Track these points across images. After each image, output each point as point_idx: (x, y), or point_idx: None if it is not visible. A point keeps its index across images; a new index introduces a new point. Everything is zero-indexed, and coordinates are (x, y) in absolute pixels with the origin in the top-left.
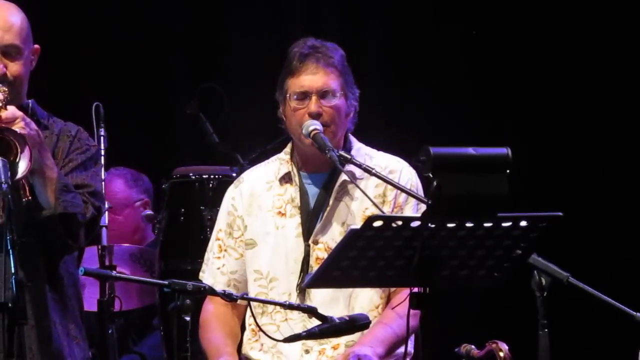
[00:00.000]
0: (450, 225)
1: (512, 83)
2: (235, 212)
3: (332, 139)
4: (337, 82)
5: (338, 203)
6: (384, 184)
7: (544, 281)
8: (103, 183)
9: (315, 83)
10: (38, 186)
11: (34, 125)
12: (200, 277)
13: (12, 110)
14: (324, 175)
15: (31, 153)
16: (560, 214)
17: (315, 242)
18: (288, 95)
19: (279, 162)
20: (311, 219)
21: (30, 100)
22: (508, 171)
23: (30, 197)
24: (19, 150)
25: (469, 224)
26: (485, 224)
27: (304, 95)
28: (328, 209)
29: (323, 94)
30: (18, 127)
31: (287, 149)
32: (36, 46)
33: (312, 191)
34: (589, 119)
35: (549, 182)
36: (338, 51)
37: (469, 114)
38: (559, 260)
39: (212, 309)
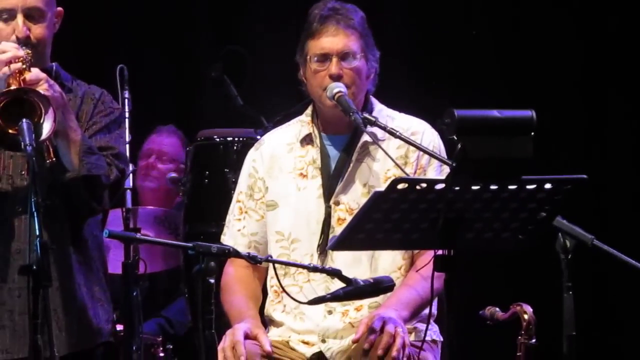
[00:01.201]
0: (474, 187)
1: (539, 46)
2: (256, 174)
3: (353, 100)
4: (358, 44)
5: (359, 164)
6: (406, 146)
7: (568, 244)
8: (127, 145)
9: (336, 45)
10: (62, 148)
11: (57, 87)
12: (221, 240)
13: (35, 72)
14: (345, 136)
15: (55, 114)
16: (585, 176)
17: (337, 203)
18: (308, 57)
19: (300, 124)
20: (332, 181)
21: (54, 64)
22: (533, 133)
23: (54, 159)
24: (43, 111)
25: (493, 187)
26: (510, 187)
27: (325, 57)
28: (349, 170)
29: (343, 56)
30: (42, 89)
31: (308, 110)
32: (59, 9)
33: (333, 153)
34: (615, 82)
35: (574, 144)
36: (358, 13)
37: (494, 78)
38: (584, 222)
39: (233, 271)
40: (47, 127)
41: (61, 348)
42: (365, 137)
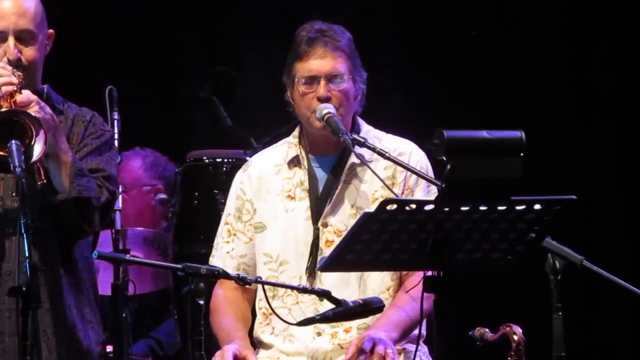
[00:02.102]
0: (464, 208)
1: (528, 66)
2: (244, 195)
3: (342, 122)
4: (345, 66)
5: (347, 186)
6: (393, 166)
7: (557, 264)
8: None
9: (324, 67)
10: (53, 170)
11: (48, 110)
12: (210, 262)
13: (27, 94)
14: (332, 158)
15: (46, 136)
16: (574, 197)
17: (325, 225)
18: (296, 79)
19: (287, 146)
20: (320, 202)
21: (45, 86)
22: (522, 154)
23: (45, 181)
24: (33, 133)
25: (482, 208)
26: (499, 208)
27: (312, 80)
28: (337, 191)
29: (331, 78)
30: (33, 111)
31: (295, 132)
32: (50, 31)
33: (321, 174)
34: (603, 102)
35: (563, 165)
36: (345, 34)
37: (483, 98)
38: (573, 243)
39: (222, 293)
40: (37, 149)
41: None
42: (353, 159)
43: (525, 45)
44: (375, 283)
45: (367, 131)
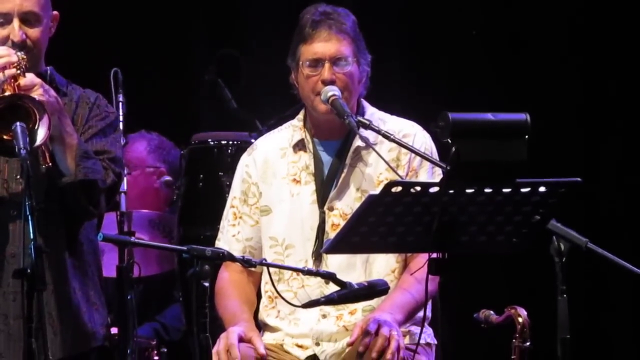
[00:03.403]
0: (469, 191)
1: (533, 49)
2: (250, 179)
3: (347, 105)
4: (350, 49)
5: (352, 169)
6: (398, 149)
7: (562, 247)
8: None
9: (328, 50)
10: (58, 153)
11: (52, 92)
12: (216, 245)
13: (30, 77)
14: (337, 142)
15: (50, 120)
16: (579, 179)
17: (331, 209)
18: (301, 62)
19: (292, 129)
20: (326, 186)
21: (49, 67)
22: (527, 137)
23: (50, 164)
24: (37, 117)
25: (487, 190)
26: (504, 190)
27: (317, 62)
28: (343, 175)
29: (336, 61)
30: (37, 94)
31: (300, 115)
32: (55, 13)
33: (326, 158)
34: (610, 86)
35: (569, 148)
36: (350, 17)
37: (489, 81)
38: (578, 226)
39: (228, 276)
40: (41, 133)
41: (56, 352)
42: (358, 142)
43: (532, 27)
44: (381, 266)
45: (372, 113)
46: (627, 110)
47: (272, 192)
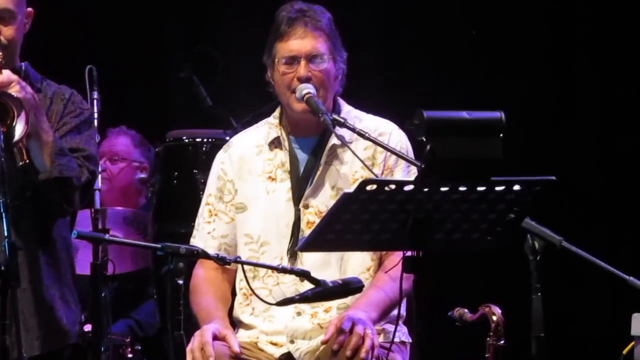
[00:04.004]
0: (443, 189)
1: (511, 46)
2: (225, 176)
3: (323, 102)
4: (326, 46)
5: (328, 167)
6: (373, 147)
7: (537, 245)
8: (97, 146)
9: (304, 47)
10: (34, 149)
11: (29, 89)
12: (191, 242)
13: (7, 74)
14: (313, 139)
15: (27, 117)
16: (554, 178)
17: (306, 207)
18: (276, 59)
19: (268, 127)
20: (301, 184)
21: (24, 63)
22: (502, 135)
23: (27, 161)
24: (15, 114)
25: (462, 188)
26: (479, 188)
27: (293, 60)
28: (318, 173)
29: (312, 58)
30: (14, 91)
31: (276, 113)
32: (29, 9)
33: (302, 156)
34: (585, 83)
35: (544, 146)
36: (325, 14)
37: (464, 79)
38: (552, 224)
39: (203, 273)
40: (19, 130)
41: (28, 349)
42: (334, 140)
43: (508, 25)
44: (356, 263)
45: (348, 111)
46: (604, 108)
47: (248, 189)
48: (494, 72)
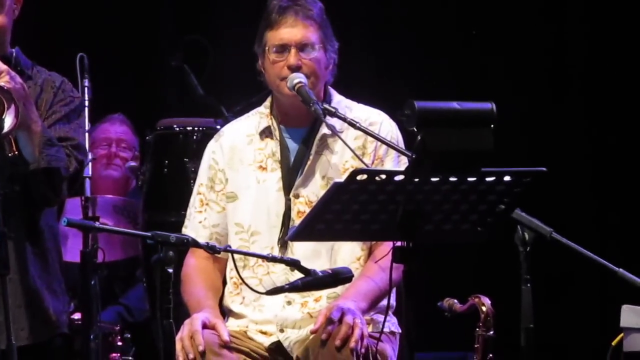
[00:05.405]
0: (434, 179)
1: (500, 37)
2: (217, 165)
3: (313, 91)
4: (316, 35)
5: (318, 157)
6: (364, 137)
7: (527, 236)
8: (86, 134)
9: (295, 36)
10: (22, 139)
11: (18, 79)
12: (182, 232)
13: None
14: (304, 129)
15: (17, 108)
16: (544, 169)
17: (296, 196)
18: (267, 48)
19: (259, 116)
20: (292, 173)
21: (14, 49)
22: (492, 126)
23: (16, 152)
24: (5, 105)
25: (452, 179)
26: (469, 179)
27: (283, 48)
28: (309, 163)
29: (302, 47)
30: (3, 82)
31: (267, 102)
32: None
33: (292, 146)
34: (575, 75)
35: (535, 137)
36: (317, 4)
37: (455, 69)
38: (543, 215)
39: (194, 262)
40: (9, 122)
41: (15, 340)
42: (324, 130)
43: (499, 16)
44: (346, 254)
45: (339, 101)
46: (593, 100)
47: (239, 178)
48: (485, 63)
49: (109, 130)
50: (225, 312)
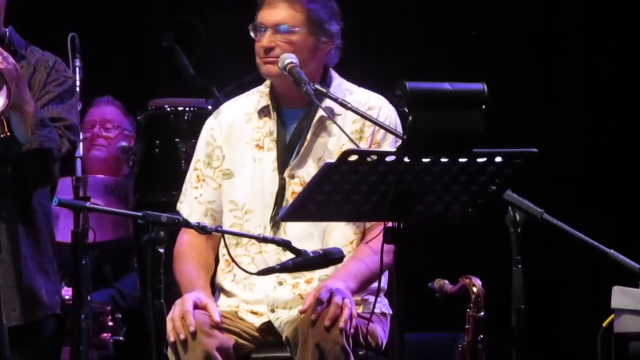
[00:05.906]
0: (425, 160)
1: (493, 17)
2: (214, 142)
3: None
4: (300, 17)
5: (315, 138)
6: (362, 120)
7: (518, 217)
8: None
9: (272, 17)
10: (15, 120)
11: (11, 59)
12: (177, 208)
13: None
14: (300, 110)
15: (10, 89)
16: (536, 150)
17: (291, 177)
18: (251, 27)
19: (259, 95)
20: (287, 153)
21: (7, 29)
22: (484, 106)
23: (8, 133)
24: None
25: (444, 160)
26: (460, 160)
27: (259, 28)
28: (305, 144)
29: (277, 28)
30: None
31: (267, 82)
32: None
33: (291, 126)
34: (569, 58)
35: (526, 118)
36: None
37: (447, 50)
38: (534, 197)
39: (187, 239)
40: (1, 102)
41: (7, 320)
42: (322, 112)
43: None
44: (338, 236)
45: (339, 84)
46: (587, 82)
47: (236, 156)
48: (477, 45)
49: (93, 113)
50: (217, 289)
